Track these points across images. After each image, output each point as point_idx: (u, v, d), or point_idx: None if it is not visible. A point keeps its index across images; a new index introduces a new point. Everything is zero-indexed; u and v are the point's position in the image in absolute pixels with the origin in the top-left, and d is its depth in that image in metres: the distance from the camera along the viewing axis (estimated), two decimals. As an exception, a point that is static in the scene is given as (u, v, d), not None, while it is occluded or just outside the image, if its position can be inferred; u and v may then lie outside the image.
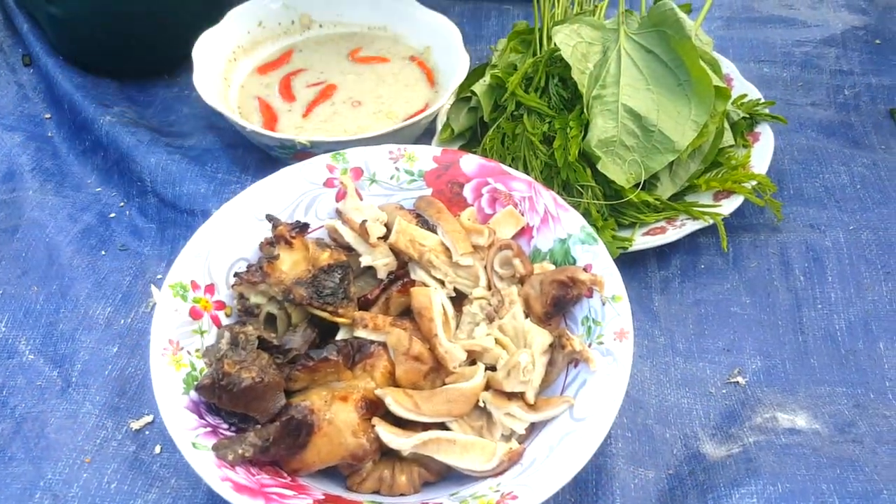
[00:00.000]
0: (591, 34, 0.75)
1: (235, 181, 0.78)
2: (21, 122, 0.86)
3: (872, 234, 0.73)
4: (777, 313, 0.68)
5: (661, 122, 0.69)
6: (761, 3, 1.02)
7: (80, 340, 0.66)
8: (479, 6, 1.02)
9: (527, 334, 0.57)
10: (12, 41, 0.96)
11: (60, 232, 0.74)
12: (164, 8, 0.84)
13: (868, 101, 0.88)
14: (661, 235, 0.69)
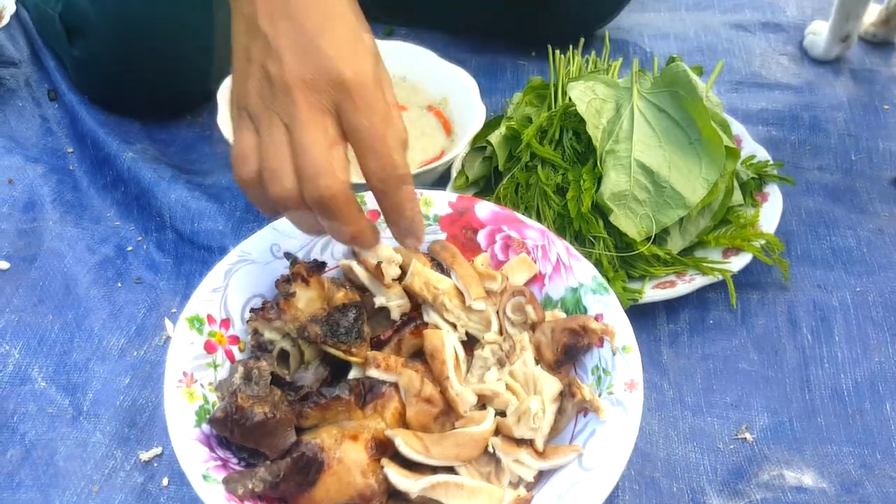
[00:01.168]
0: (605, 91, 0.77)
1: (253, 219, 0.80)
2: (44, 154, 0.88)
3: (878, 296, 0.74)
4: (784, 371, 0.68)
5: (673, 178, 0.71)
6: (769, 69, 1.05)
7: (93, 370, 0.67)
8: (495, 60, 1.05)
9: (537, 381, 0.57)
10: (38, 76, 0.99)
11: (78, 262, 0.75)
12: (185, 52, 0.87)
13: (874, 166, 0.90)
14: (670, 289, 0.70)
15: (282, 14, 0.49)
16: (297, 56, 0.48)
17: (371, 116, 0.48)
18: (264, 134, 0.49)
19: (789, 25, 1.12)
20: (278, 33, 0.49)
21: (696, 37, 1.10)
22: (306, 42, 0.49)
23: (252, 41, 0.50)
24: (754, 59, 1.06)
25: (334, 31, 0.49)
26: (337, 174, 0.48)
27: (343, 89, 0.48)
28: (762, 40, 1.10)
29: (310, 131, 0.48)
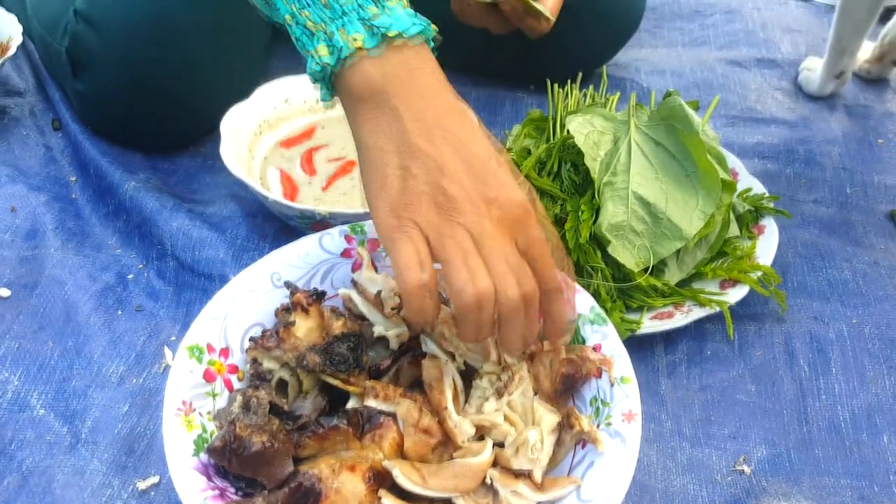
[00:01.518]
0: (603, 124, 0.78)
1: (254, 248, 0.80)
2: (47, 182, 0.89)
3: (875, 328, 0.74)
4: (782, 402, 0.69)
5: (670, 210, 0.71)
6: (764, 104, 1.06)
7: (91, 397, 0.67)
8: (495, 94, 1.07)
9: (535, 412, 0.57)
10: (43, 106, 1.00)
11: (79, 290, 0.76)
12: (190, 88, 0.88)
13: (869, 200, 0.90)
14: (668, 320, 0.71)
15: (443, 138, 0.51)
16: (475, 179, 0.51)
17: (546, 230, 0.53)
18: (452, 241, 0.50)
19: (784, 62, 1.14)
20: (445, 156, 0.51)
21: (693, 72, 1.12)
22: (480, 167, 0.51)
23: (410, 160, 0.51)
24: (750, 95, 1.08)
25: (495, 157, 0.52)
26: (533, 279, 0.51)
27: (524, 210, 0.51)
28: (757, 76, 1.12)
29: (503, 242, 0.50)
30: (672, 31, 1.23)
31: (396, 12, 0.52)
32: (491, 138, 0.54)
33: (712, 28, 1.23)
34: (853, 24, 0.99)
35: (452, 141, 0.51)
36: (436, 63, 0.54)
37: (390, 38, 0.52)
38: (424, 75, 0.53)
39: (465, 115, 0.54)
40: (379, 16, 0.52)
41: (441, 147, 0.51)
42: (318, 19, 0.52)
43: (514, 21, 0.90)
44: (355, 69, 0.52)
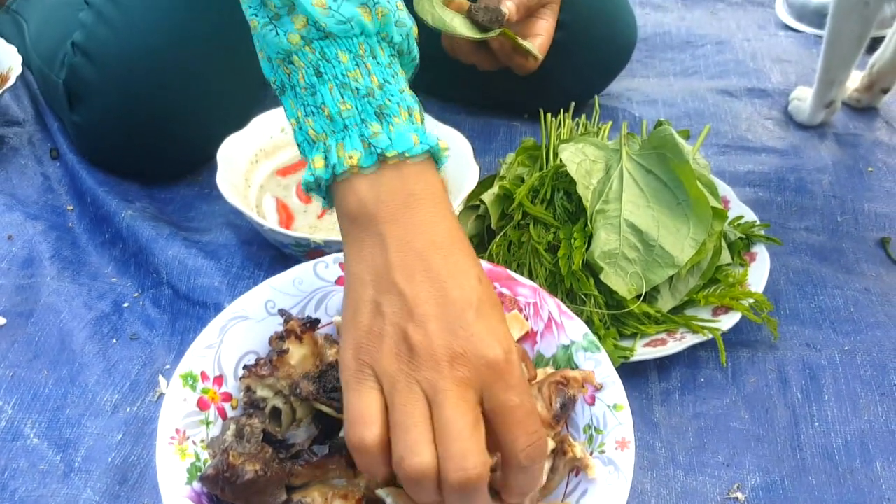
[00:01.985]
0: (595, 153, 0.79)
1: (249, 276, 0.81)
2: (44, 211, 0.89)
3: (867, 355, 0.75)
4: (775, 429, 0.69)
5: (662, 237, 0.72)
6: (755, 133, 1.08)
7: (85, 426, 0.66)
8: (489, 122, 1.08)
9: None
10: (41, 135, 1.01)
11: (74, 318, 0.76)
12: (187, 120, 0.89)
13: (860, 227, 0.91)
14: (661, 347, 0.71)
15: (423, 275, 0.47)
16: (445, 328, 0.46)
17: (520, 394, 0.47)
18: (402, 402, 0.46)
19: (774, 91, 1.16)
20: (419, 297, 0.47)
21: (684, 102, 1.14)
22: (455, 315, 0.46)
23: (383, 295, 0.48)
24: (740, 124, 1.09)
25: (477, 305, 0.47)
26: (483, 455, 0.45)
27: (495, 369, 0.46)
28: (748, 105, 1.13)
29: (458, 408, 0.45)
30: (663, 62, 1.25)
31: (401, 130, 0.50)
32: (483, 280, 0.50)
33: (703, 59, 1.25)
34: (841, 56, 1.00)
35: (433, 280, 0.47)
36: (439, 185, 0.51)
37: (389, 158, 0.49)
38: (421, 202, 0.50)
39: (456, 251, 0.49)
40: (379, 134, 0.49)
41: (418, 286, 0.47)
42: (321, 130, 0.51)
43: (502, 58, 0.92)
44: (349, 187, 0.50)
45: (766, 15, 1.38)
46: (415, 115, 0.52)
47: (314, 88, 0.51)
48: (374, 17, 0.51)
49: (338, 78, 0.50)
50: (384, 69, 0.51)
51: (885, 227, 0.91)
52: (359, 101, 0.50)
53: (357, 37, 0.51)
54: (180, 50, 0.86)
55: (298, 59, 0.51)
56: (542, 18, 0.93)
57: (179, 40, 0.86)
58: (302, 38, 0.51)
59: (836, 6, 0.96)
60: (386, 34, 0.52)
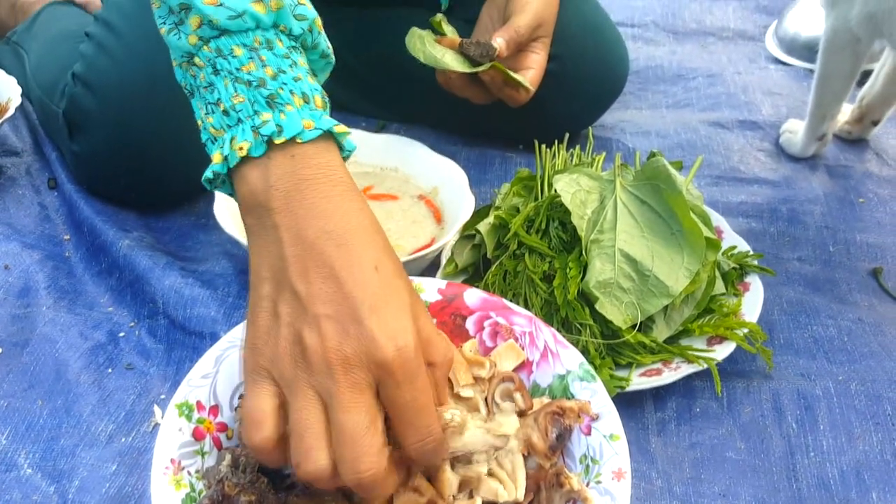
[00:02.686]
0: (590, 183, 0.80)
1: (245, 306, 0.80)
2: (41, 241, 0.89)
3: (861, 385, 0.75)
4: (771, 460, 0.69)
5: (656, 267, 0.73)
6: (747, 164, 1.09)
7: (80, 457, 0.66)
8: (484, 153, 1.09)
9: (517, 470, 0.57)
10: (39, 165, 1.01)
11: (70, 348, 0.76)
12: (185, 150, 0.89)
13: (852, 258, 0.92)
14: (657, 377, 0.71)
15: (317, 271, 0.47)
16: (337, 330, 0.46)
17: (412, 391, 0.47)
18: (297, 407, 0.46)
19: (765, 123, 1.18)
20: (313, 295, 0.46)
21: (676, 133, 1.15)
22: (348, 312, 0.46)
23: (280, 294, 0.47)
24: (733, 155, 1.11)
25: (373, 301, 0.46)
26: (377, 456, 0.46)
27: (387, 368, 0.46)
28: (740, 137, 1.15)
29: (351, 413, 0.45)
30: (656, 94, 1.27)
31: (293, 116, 0.49)
32: (382, 268, 0.48)
33: (695, 91, 1.27)
34: (833, 91, 1.02)
35: (327, 275, 0.46)
36: (337, 168, 0.50)
37: (277, 144, 0.48)
38: (313, 187, 0.48)
39: (351, 238, 0.48)
40: (268, 122, 0.49)
41: (313, 283, 0.46)
42: (219, 125, 0.51)
43: (494, 91, 0.93)
44: (241, 177, 0.49)
45: (756, 49, 1.41)
46: (313, 100, 0.51)
47: (213, 86, 0.51)
48: (269, 8, 0.51)
49: (232, 73, 0.50)
50: (280, 59, 0.51)
51: (876, 257, 0.92)
52: (251, 91, 0.50)
53: (252, 30, 0.51)
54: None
55: (199, 58, 0.52)
56: (534, 52, 0.95)
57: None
58: (199, 38, 0.51)
59: (826, 43, 0.98)
60: (284, 26, 0.52)
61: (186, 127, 0.88)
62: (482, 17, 0.98)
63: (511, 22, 0.92)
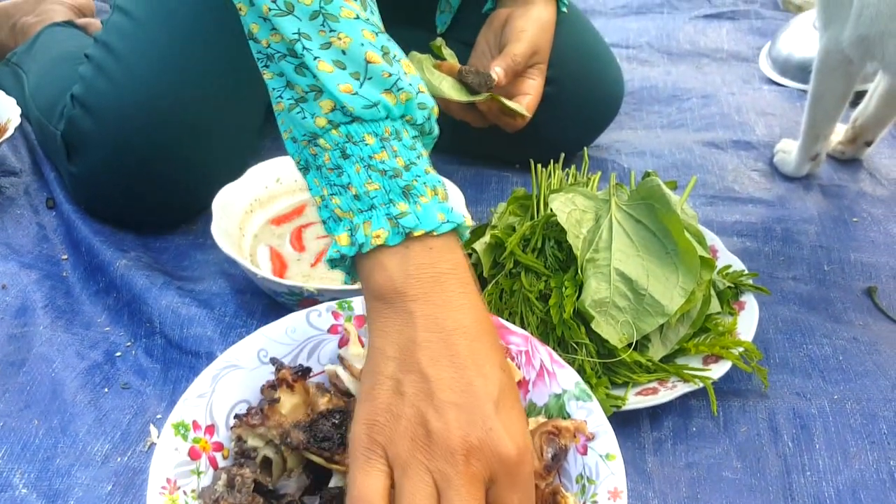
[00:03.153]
0: (585, 203, 0.80)
1: (242, 325, 0.81)
2: (38, 260, 0.90)
3: (856, 403, 0.75)
4: (767, 479, 0.69)
5: (652, 287, 0.73)
6: (741, 184, 1.10)
7: (75, 476, 0.66)
8: (480, 172, 1.10)
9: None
10: (38, 185, 1.02)
11: (66, 368, 0.76)
12: (183, 171, 0.90)
13: (847, 277, 0.93)
14: (652, 396, 0.71)
15: (448, 360, 0.47)
16: (464, 419, 0.46)
17: (523, 493, 0.47)
18: (411, 490, 0.45)
19: (759, 143, 1.18)
20: (443, 381, 0.47)
21: (671, 154, 1.16)
22: (476, 405, 0.46)
23: (406, 374, 0.48)
24: (727, 175, 1.11)
25: (499, 399, 0.47)
26: None
27: (506, 466, 0.46)
28: (734, 157, 1.16)
29: (465, 500, 0.45)
30: (651, 115, 1.28)
31: (428, 209, 0.50)
32: (506, 369, 0.50)
33: (689, 111, 1.28)
34: (825, 112, 1.03)
35: (458, 366, 0.47)
36: (465, 264, 0.52)
37: (416, 237, 0.50)
38: (450, 281, 0.50)
39: (483, 337, 0.49)
40: (407, 213, 0.50)
41: (443, 370, 0.47)
42: (347, 208, 0.51)
43: (490, 118, 0.94)
44: (377, 263, 0.50)
45: (749, 70, 1.42)
46: (440, 193, 0.52)
47: (340, 169, 0.51)
48: (399, 100, 0.52)
49: (364, 159, 0.51)
50: (409, 150, 0.52)
51: (871, 276, 0.92)
52: (385, 181, 0.51)
53: (383, 120, 0.52)
54: (177, 102, 0.88)
55: (325, 140, 0.52)
56: (531, 78, 0.96)
57: (177, 93, 0.88)
58: (329, 122, 0.52)
59: (819, 64, 0.99)
60: (410, 117, 0.53)
61: (184, 148, 0.90)
62: (479, 42, 0.99)
63: (507, 50, 0.93)
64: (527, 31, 0.94)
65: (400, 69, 0.53)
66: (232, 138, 0.94)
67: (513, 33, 0.94)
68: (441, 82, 0.91)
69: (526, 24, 0.95)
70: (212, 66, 0.89)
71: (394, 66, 0.53)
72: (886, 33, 0.86)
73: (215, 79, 0.89)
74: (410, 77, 0.54)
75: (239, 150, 0.97)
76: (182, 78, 0.87)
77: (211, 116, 0.90)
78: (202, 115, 0.89)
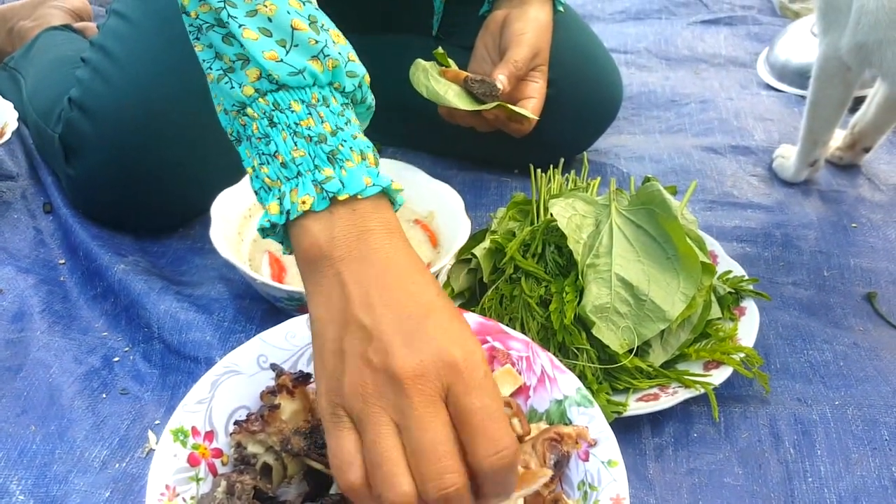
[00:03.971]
0: (585, 208, 0.80)
1: (241, 330, 0.81)
2: (36, 265, 0.89)
3: (857, 409, 0.75)
4: (769, 485, 0.68)
5: (653, 292, 0.73)
6: (741, 189, 1.10)
7: (72, 483, 0.65)
8: (479, 177, 1.10)
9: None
10: (35, 189, 1.01)
11: (64, 373, 0.75)
12: (181, 174, 0.90)
13: (846, 282, 0.92)
14: (654, 402, 0.71)
15: (381, 303, 0.48)
16: (404, 343, 0.46)
17: (483, 397, 0.46)
18: (370, 434, 0.46)
19: (757, 148, 1.19)
20: (380, 322, 0.47)
21: (670, 158, 1.16)
22: (412, 327, 0.47)
23: (346, 332, 0.48)
24: (726, 180, 1.11)
25: (437, 313, 0.48)
26: (458, 468, 0.45)
27: (455, 371, 0.46)
28: (732, 162, 1.16)
29: (426, 428, 0.45)
30: (649, 120, 1.28)
31: (354, 173, 0.51)
32: (441, 295, 0.50)
33: (688, 116, 1.28)
34: (824, 118, 1.03)
35: (391, 302, 0.48)
36: (394, 221, 0.52)
37: (341, 200, 0.50)
38: (375, 237, 0.50)
39: (413, 272, 0.50)
40: (332, 178, 0.51)
41: (377, 311, 0.48)
42: (275, 176, 0.52)
43: (497, 125, 0.94)
44: (303, 229, 0.51)
45: (748, 75, 1.42)
46: (368, 158, 0.53)
47: (268, 138, 0.52)
48: (325, 67, 0.53)
49: (290, 126, 0.52)
50: (337, 116, 0.53)
51: (870, 281, 0.92)
52: (311, 147, 0.51)
53: (310, 87, 0.53)
54: (175, 105, 0.87)
55: (252, 109, 0.53)
56: (534, 81, 0.95)
57: (174, 95, 0.87)
58: (255, 90, 0.53)
59: (818, 70, 0.99)
60: (338, 84, 0.54)
61: (183, 152, 0.90)
62: (478, 46, 0.99)
63: (508, 56, 0.93)
64: (526, 34, 0.94)
65: (328, 37, 0.54)
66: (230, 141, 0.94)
67: (512, 37, 0.94)
68: (447, 91, 0.90)
69: (524, 27, 0.94)
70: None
71: (321, 35, 0.53)
72: (884, 41, 0.86)
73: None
74: (339, 46, 0.54)
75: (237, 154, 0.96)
76: (178, 80, 0.87)
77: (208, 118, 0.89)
78: (199, 117, 0.89)
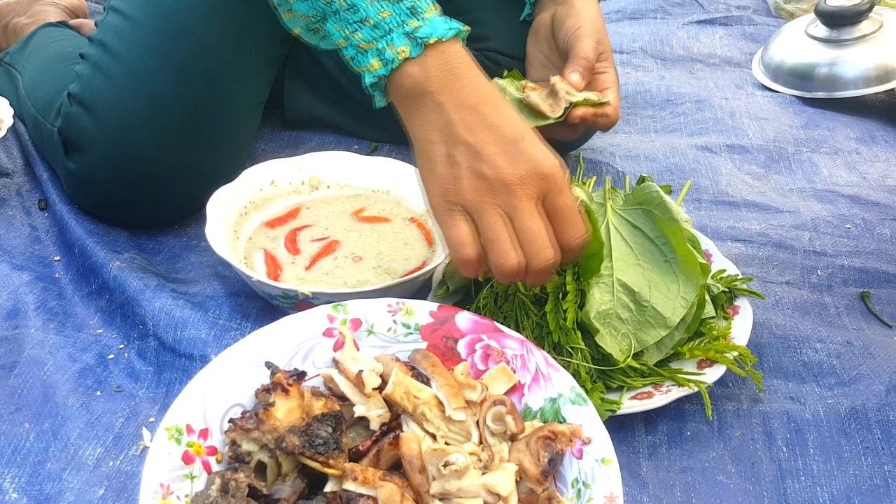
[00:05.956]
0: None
1: (236, 328, 0.80)
2: (30, 262, 0.89)
3: (850, 408, 0.75)
4: (762, 484, 0.69)
5: (654, 297, 0.73)
6: (735, 188, 1.10)
7: (66, 481, 0.65)
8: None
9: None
10: (31, 186, 1.01)
11: (58, 370, 0.75)
12: (179, 170, 0.90)
13: (840, 282, 0.93)
14: (647, 400, 0.71)
15: (481, 126, 0.62)
16: (507, 159, 0.61)
17: (568, 198, 0.64)
18: (487, 223, 0.62)
19: (752, 148, 1.19)
20: (483, 141, 0.62)
21: (665, 157, 1.16)
22: (511, 147, 0.62)
23: (453, 147, 0.62)
24: (721, 179, 1.12)
25: (525, 136, 0.63)
26: (555, 245, 0.64)
27: (548, 180, 0.62)
28: (727, 161, 1.16)
29: (531, 217, 0.62)
30: (645, 119, 1.28)
31: (434, 21, 0.63)
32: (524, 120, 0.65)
33: (683, 116, 1.29)
34: None
35: (489, 126, 0.62)
36: (470, 58, 0.64)
37: (430, 44, 0.62)
38: (462, 70, 0.63)
39: (500, 102, 0.64)
40: (420, 27, 0.63)
41: (479, 134, 0.62)
42: (369, 38, 0.64)
43: (586, 124, 0.89)
44: (403, 74, 0.63)
45: (742, 75, 1.43)
46: (438, 9, 0.65)
47: (355, 6, 0.63)
48: None
49: None
50: None
51: (864, 282, 0.93)
52: (394, 6, 0.63)
53: None
54: (175, 101, 0.88)
55: None
56: (603, 71, 0.91)
57: (174, 91, 0.88)
58: None
59: None
60: None
61: (180, 147, 0.90)
62: (532, 55, 0.96)
63: (575, 52, 0.89)
64: (583, 27, 0.89)
65: None
66: (227, 139, 0.94)
67: (570, 34, 0.90)
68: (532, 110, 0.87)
69: (578, 21, 0.90)
70: (208, 64, 0.89)
71: None
72: None
73: (211, 77, 0.89)
74: None
75: (234, 151, 0.96)
76: (178, 75, 0.87)
77: (207, 116, 0.90)
78: (198, 114, 0.89)
